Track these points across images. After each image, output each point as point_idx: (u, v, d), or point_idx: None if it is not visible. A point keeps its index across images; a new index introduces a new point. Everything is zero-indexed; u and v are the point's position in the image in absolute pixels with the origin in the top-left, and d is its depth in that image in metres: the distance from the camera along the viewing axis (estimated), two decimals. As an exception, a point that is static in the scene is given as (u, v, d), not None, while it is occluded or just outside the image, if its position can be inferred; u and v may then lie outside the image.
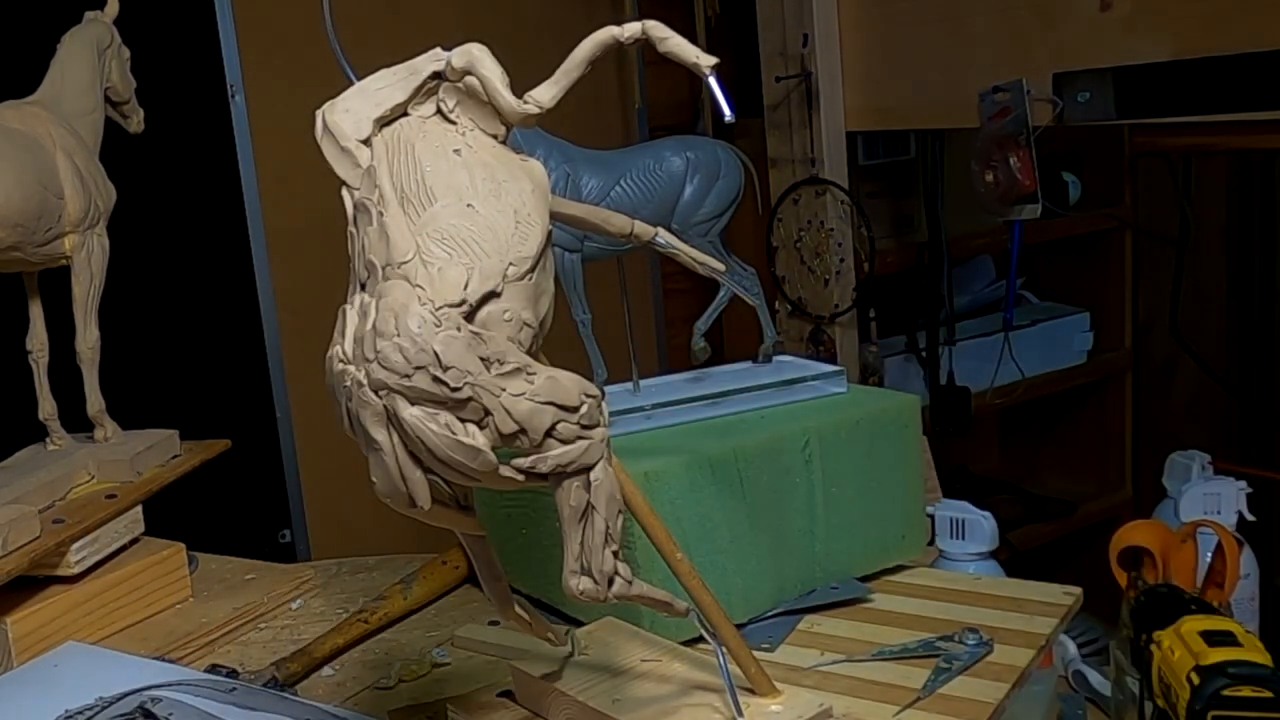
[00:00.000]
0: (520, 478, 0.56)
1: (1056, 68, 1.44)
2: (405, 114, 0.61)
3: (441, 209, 0.56)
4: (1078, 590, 0.95)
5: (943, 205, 1.98)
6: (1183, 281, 2.04)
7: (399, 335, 0.52)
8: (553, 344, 0.61)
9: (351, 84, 0.62)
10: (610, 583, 0.59)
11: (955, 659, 0.83)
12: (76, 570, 0.98)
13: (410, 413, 0.53)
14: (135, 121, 1.16)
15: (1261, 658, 0.78)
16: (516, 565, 1.01)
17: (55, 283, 1.07)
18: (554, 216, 0.61)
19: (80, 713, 0.80)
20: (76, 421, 1.10)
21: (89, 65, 1.09)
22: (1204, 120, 1.34)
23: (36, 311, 1.06)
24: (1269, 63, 1.22)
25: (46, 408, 1.07)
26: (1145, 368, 2.37)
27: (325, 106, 0.60)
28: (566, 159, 0.96)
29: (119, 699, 0.81)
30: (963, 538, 1.15)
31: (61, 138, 1.03)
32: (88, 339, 1.07)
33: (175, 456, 1.11)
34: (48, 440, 1.08)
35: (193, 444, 1.14)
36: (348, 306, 0.56)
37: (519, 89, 0.60)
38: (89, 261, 1.05)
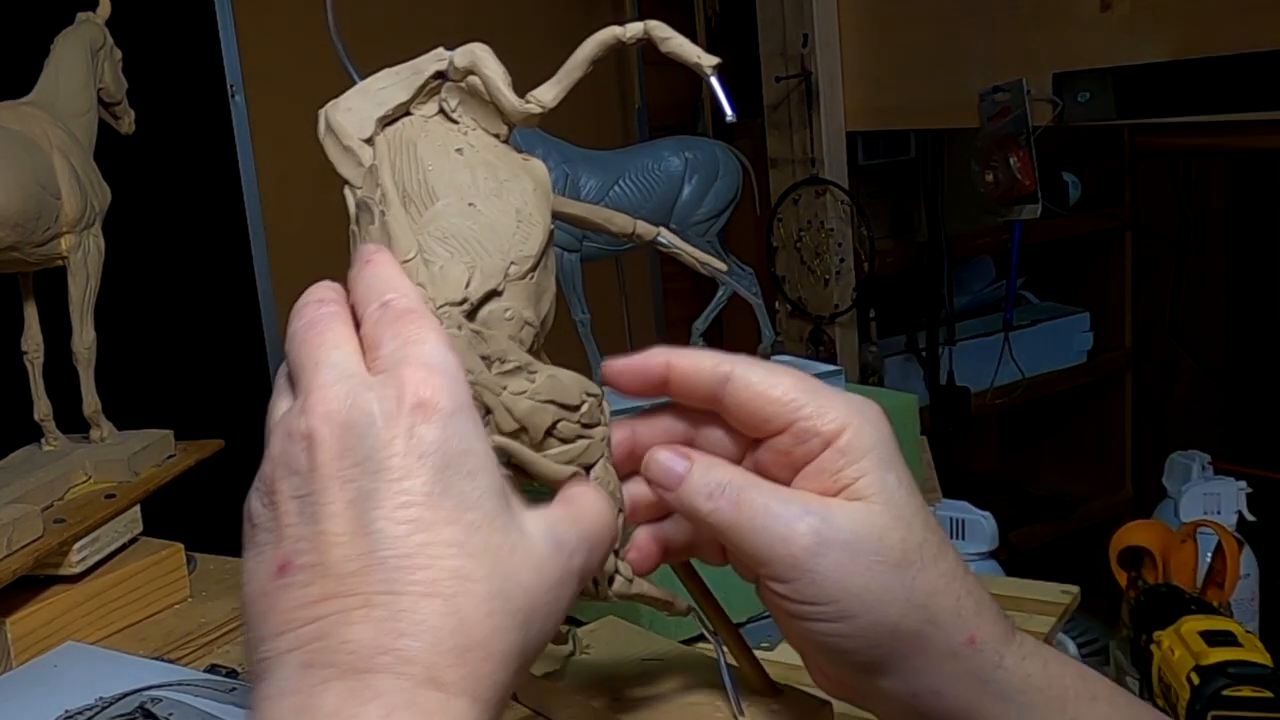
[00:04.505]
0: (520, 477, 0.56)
1: (1056, 68, 1.44)
2: (408, 113, 0.61)
3: (443, 208, 0.56)
4: (1075, 589, 0.95)
5: (943, 205, 1.98)
6: (1183, 281, 2.04)
7: (400, 334, 0.52)
8: (552, 344, 0.61)
9: (354, 83, 0.62)
10: (610, 581, 0.59)
11: (956, 659, 0.83)
12: (79, 569, 0.97)
13: (411, 412, 0.52)
14: (126, 122, 1.16)
15: (1261, 658, 0.78)
16: (516, 565, 1.00)
17: (50, 283, 1.07)
18: (556, 215, 0.61)
19: (80, 713, 0.79)
20: (71, 422, 1.09)
21: (83, 66, 1.09)
22: (1204, 120, 1.34)
23: (31, 312, 1.06)
24: (1269, 63, 1.22)
25: (42, 408, 1.07)
26: (1145, 368, 2.37)
27: (328, 106, 0.60)
28: (565, 159, 0.96)
29: (119, 699, 0.81)
30: (963, 538, 1.16)
31: (58, 138, 1.03)
32: (84, 339, 1.06)
33: (170, 456, 1.11)
34: (43, 441, 1.08)
35: (187, 444, 1.14)
36: (349, 306, 0.56)
37: (521, 89, 0.60)
38: (85, 262, 1.05)
